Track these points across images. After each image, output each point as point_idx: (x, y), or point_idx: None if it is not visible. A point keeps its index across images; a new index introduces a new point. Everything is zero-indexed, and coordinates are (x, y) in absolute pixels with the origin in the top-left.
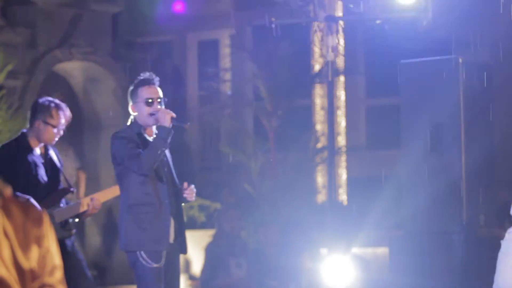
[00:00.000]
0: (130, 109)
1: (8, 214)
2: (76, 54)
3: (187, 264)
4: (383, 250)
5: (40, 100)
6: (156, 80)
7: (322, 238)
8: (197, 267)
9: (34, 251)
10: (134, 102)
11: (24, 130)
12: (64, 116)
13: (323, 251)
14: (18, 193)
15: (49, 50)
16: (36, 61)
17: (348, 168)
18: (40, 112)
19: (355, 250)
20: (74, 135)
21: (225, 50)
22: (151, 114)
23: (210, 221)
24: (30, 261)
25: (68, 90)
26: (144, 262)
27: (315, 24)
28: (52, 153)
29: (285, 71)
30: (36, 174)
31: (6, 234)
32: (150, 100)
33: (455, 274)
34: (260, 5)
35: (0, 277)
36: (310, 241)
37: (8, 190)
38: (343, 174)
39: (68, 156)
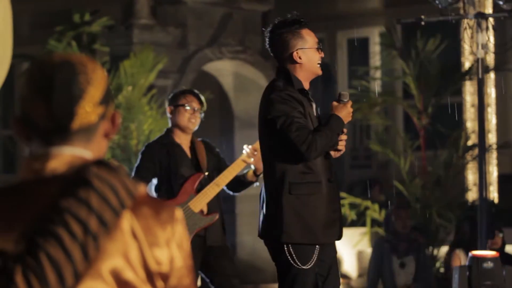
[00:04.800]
0: (294, 56)
1: (137, 215)
2: (226, 53)
3: (338, 261)
4: None
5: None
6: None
7: (473, 236)
8: (347, 265)
9: (164, 254)
10: (301, 48)
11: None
12: (195, 99)
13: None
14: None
15: (199, 49)
16: (187, 60)
17: (499, 165)
18: (170, 100)
19: (507, 248)
20: (225, 133)
21: (375, 48)
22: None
23: (361, 219)
24: (160, 263)
25: (219, 89)
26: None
27: (465, 21)
28: (200, 148)
29: (435, 68)
30: (179, 170)
31: (134, 235)
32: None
33: None
34: (410, 2)
35: (126, 280)
36: (461, 239)
37: (140, 190)
38: (494, 172)
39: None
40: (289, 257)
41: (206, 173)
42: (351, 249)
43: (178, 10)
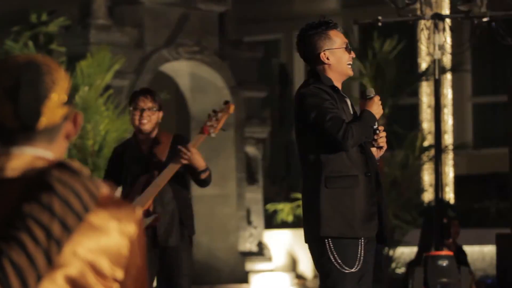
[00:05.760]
0: (322, 57)
1: (98, 216)
2: (183, 54)
3: (294, 262)
4: (490, 249)
5: None
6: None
7: (430, 236)
8: (303, 265)
9: (121, 254)
10: (328, 49)
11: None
12: (144, 98)
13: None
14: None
15: (156, 49)
16: (143, 60)
17: (455, 166)
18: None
19: (465, 248)
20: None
21: None
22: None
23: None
24: (116, 265)
25: (175, 90)
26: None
27: (422, 22)
28: (162, 144)
29: (391, 69)
30: (131, 171)
31: (93, 238)
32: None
33: None
34: (367, 3)
35: (84, 284)
36: (417, 240)
37: (102, 191)
38: (450, 173)
39: None
40: (331, 256)
41: (156, 172)
42: (307, 249)
43: (135, 10)
